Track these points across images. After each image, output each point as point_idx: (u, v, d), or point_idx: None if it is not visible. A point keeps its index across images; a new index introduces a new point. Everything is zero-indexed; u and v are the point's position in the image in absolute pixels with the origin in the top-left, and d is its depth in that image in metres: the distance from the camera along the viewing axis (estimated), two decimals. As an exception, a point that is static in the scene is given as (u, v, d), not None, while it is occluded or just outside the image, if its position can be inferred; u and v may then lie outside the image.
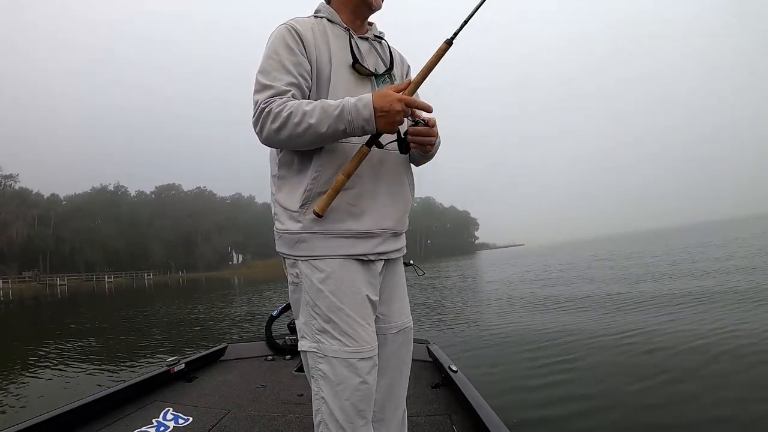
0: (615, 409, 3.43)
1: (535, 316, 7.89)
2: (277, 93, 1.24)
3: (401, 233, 1.44)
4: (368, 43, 1.44)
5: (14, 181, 68.53)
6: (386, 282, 1.43)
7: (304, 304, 1.31)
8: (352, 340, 1.25)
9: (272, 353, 3.53)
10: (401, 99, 1.19)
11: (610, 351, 5.06)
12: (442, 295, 13.46)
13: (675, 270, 13.86)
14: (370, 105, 1.18)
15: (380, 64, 1.45)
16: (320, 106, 1.19)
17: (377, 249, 1.34)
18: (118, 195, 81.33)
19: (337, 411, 1.23)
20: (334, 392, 1.24)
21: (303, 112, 1.19)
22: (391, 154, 1.37)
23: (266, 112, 1.22)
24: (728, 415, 3.18)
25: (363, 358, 1.25)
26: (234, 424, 2.28)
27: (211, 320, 11.39)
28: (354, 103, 1.19)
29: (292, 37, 1.31)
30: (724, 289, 8.68)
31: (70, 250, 69.35)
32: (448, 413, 2.30)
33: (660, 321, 6.36)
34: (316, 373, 1.27)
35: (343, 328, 1.25)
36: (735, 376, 3.91)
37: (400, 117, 1.20)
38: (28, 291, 41.23)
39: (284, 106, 1.21)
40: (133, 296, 26.66)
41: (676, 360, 4.49)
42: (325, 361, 1.25)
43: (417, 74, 1.26)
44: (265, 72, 1.27)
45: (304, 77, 1.29)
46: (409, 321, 1.49)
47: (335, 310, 1.26)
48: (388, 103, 1.18)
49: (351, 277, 1.29)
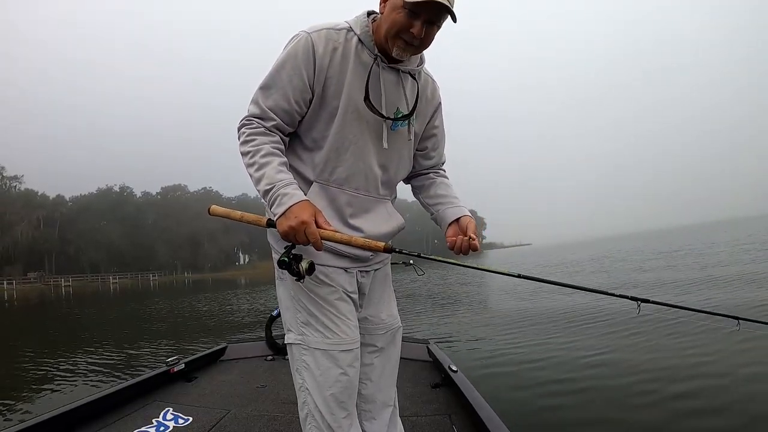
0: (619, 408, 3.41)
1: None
2: (263, 117, 1.26)
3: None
4: (397, 76, 1.31)
5: (19, 183, 68.87)
6: (374, 285, 1.47)
7: (289, 298, 1.34)
8: (332, 332, 1.29)
9: (272, 353, 3.53)
10: (312, 234, 1.17)
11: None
12: (446, 295, 13.43)
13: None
14: (285, 207, 1.18)
15: (403, 103, 1.33)
16: (267, 171, 1.21)
17: (362, 267, 1.40)
18: (124, 196, 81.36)
19: (320, 402, 1.27)
20: (317, 383, 1.28)
21: (255, 161, 1.23)
22: (381, 201, 1.39)
23: (242, 131, 1.28)
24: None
25: (344, 350, 1.30)
26: (234, 424, 2.27)
27: (211, 320, 11.41)
28: (281, 192, 1.19)
29: (306, 57, 1.22)
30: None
31: (76, 251, 69.54)
32: (448, 413, 2.30)
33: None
34: (300, 365, 1.31)
35: (324, 321, 1.30)
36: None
37: (298, 242, 1.19)
38: (32, 292, 41.31)
39: (254, 139, 1.25)
40: (137, 297, 26.72)
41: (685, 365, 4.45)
42: (309, 353, 1.29)
43: (344, 237, 1.23)
44: (266, 87, 1.27)
45: (299, 106, 1.27)
46: (397, 322, 1.52)
47: (316, 304, 1.30)
48: (298, 223, 1.16)
49: (330, 278, 1.32)
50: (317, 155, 1.29)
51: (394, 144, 1.35)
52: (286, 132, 1.30)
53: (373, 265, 1.43)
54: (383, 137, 1.32)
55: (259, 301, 15.78)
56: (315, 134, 1.30)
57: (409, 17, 1.17)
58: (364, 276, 1.41)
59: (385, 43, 1.24)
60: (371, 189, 1.35)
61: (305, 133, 1.31)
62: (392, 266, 1.59)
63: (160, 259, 74.46)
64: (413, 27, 1.18)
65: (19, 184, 69.03)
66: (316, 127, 1.29)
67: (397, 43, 1.22)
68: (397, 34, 1.20)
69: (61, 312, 19.13)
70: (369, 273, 1.43)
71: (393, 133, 1.34)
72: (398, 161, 1.40)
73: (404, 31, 1.19)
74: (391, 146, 1.34)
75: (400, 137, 1.37)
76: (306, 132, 1.31)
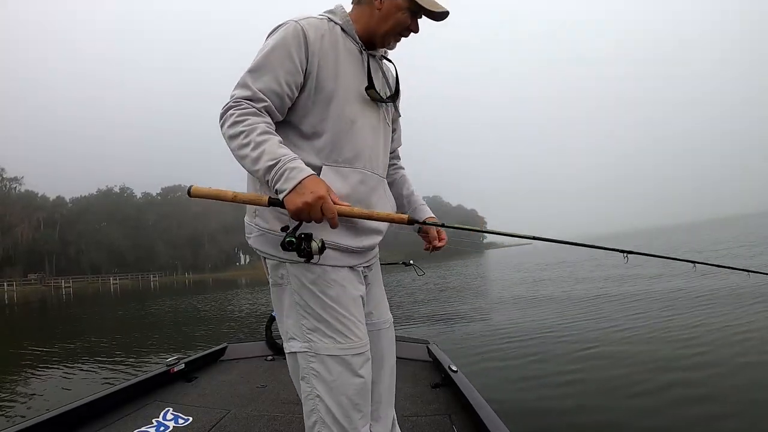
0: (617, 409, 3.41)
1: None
2: (254, 98, 1.19)
3: None
4: (376, 62, 1.39)
5: (19, 184, 69.09)
6: (375, 279, 1.47)
7: (292, 305, 1.28)
8: (345, 337, 1.25)
9: (272, 353, 3.53)
10: (329, 210, 1.08)
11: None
12: (445, 295, 13.43)
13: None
14: (296, 181, 1.08)
15: (385, 87, 1.42)
16: (266, 147, 1.12)
17: (367, 262, 1.40)
18: (124, 196, 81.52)
19: (334, 407, 1.22)
20: (329, 389, 1.23)
21: (250, 140, 1.13)
22: (382, 180, 1.41)
23: (230, 113, 1.18)
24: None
25: (356, 353, 1.25)
26: (234, 424, 2.27)
27: (211, 320, 11.42)
28: (288, 166, 1.10)
29: (297, 42, 1.23)
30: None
31: (76, 252, 69.63)
32: (448, 413, 2.29)
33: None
34: (308, 373, 1.25)
35: (336, 326, 1.25)
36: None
37: (311, 219, 1.09)
38: (33, 294, 41.30)
39: (247, 119, 1.16)
40: (137, 298, 26.72)
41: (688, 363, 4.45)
42: (318, 360, 1.24)
43: (364, 212, 1.17)
44: (254, 70, 1.22)
45: (291, 89, 1.24)
46: (391, 316, 1.55)
47: (327, 308, 1.25)
48: (315, 198, 1.06)
49: (341, 277, 1.29)
50: (319, 141, 1.26)
51: (386, 125, 1.42)
52: (275, 118, 1.24)
53: (372, 259, 1.43)
54: (380, 118, 1.39)
55: (259, 301, 15.79)
56: (312, 119, 1.27)
57: (411, 17, 1.31)
58: (368, 271, 1.41)
59: (381, 37, 1.33)
60: (375, 168, 1.36)
61: (301, 120, 1.28)
62: (392, 266, 1.62)
63: (161, 260, 74.50)
64: (413, 25, 1.33)
65: (19, 186, 69.31)
66: (313, 112, 1.27)
67: (395, 38, 1.36)
68: (399, 32, 1.33)
69: (62, 313, 19.14)
70: (371, 267, 1.43)
71: (384, 114, 1.41)
72: (387, 142, 1.46)
73: (405, 29, 1.33)
74: (384, 127, 1.41)
75: (388, 118, 1.44)
76: (302, 119, 1.28)
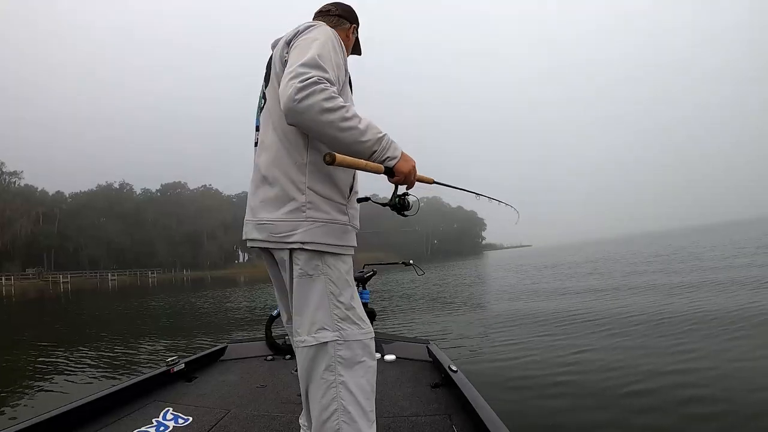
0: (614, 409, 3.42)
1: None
2: (331, 80, 1.28)
3: None
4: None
5: (18, 178, 69.00)
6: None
7: (324, 296, 1.36)
8: (364, 322, 1.41)
9: (272, 353, 3.53)
10: (417, 178, 1.39)
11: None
12: (445, 295, 13.45)
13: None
14: (400, 151, 1.33)
15: None
16: (369, 120, 1.29)
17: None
18: (124, 193, 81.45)
19: (357, 391, 1.32)
20: (353, 373, 1.34)
21: (355, 114, 1.26)
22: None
23: (320, 88, 1.21)
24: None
25: (371, 337, 1.41)
26: (234, 424, 2.27)
27: (210, 319, 11.42)
28: (391, 140, 1.32)
29: (338, 41, 1.41)
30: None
31: (75, 247, 69.62)
32: (448, 413, 2.29)
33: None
34: (334, 361, 1.33)
35: (360, 313, 1.40)
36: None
37: (406, 182, 1.37)
38: (31, 288, 41.30)
39: (339, 98, 1.25)
40: (136, 294, 26.72)
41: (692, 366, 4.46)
42: (346, 346, 1.34)
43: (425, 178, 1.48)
44: (323, 57, 1.29)
45: (340, 82, 1.38)
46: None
47: (354, 297, 1.41)
48: (410, 167, 1.35)
49: (353, 268, 1.47)
50: None
51: None
52: None
53: None
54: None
55: (259, 300, 15.79)
56: None
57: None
58: None
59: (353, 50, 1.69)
60: None
61: None
62: (392, 266, 1.70)
63: (160, 257, 74.51)
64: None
65: (18, 180, 69.21)
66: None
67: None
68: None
69: (60, 309, 19.13)
70: None
71: None
72: None
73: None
74: None
75: None
76: None
